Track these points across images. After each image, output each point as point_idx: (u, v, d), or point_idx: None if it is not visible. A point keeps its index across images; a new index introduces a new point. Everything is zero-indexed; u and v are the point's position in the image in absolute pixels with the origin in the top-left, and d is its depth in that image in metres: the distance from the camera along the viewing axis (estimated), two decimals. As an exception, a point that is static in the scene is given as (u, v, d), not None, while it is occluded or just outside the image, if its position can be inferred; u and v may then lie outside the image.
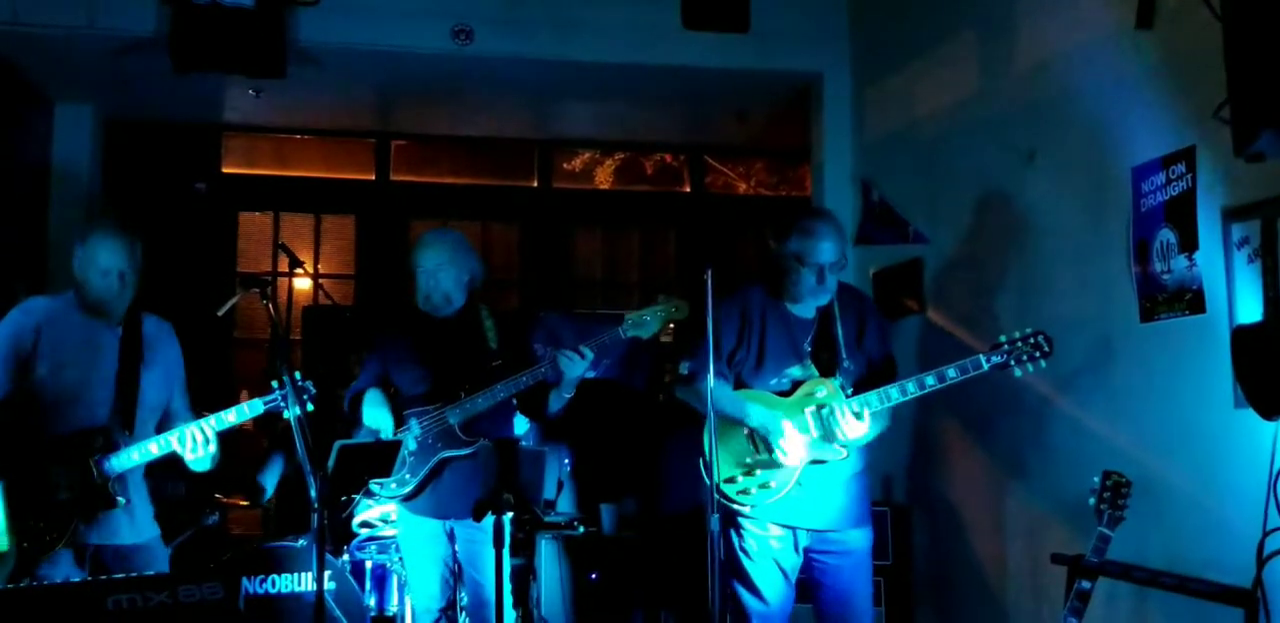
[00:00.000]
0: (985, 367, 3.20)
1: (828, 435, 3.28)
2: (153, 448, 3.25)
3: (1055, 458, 3.94)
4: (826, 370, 3.39)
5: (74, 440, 3.23)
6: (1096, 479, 2.99)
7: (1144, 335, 3.49)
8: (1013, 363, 3.20)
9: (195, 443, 3.23)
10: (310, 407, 3.06)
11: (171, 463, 3.49)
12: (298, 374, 3.05)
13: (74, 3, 5.23)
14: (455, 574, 3.78)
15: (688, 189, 8.03)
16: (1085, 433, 3.76)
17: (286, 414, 3.02)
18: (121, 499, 3.26)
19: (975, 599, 4.45)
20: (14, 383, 3.25)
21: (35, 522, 3.10)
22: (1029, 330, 3.22)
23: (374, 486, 3.61)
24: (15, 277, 5.61)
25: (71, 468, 3.20)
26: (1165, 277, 3.38)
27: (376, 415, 3.65)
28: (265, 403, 3.20)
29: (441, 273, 3.69)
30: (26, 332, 3.27)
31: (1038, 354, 3.19)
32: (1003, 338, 3.23)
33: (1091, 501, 2.97)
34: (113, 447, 3.24)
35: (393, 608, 4.59)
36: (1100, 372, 3.67)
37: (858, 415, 3.24)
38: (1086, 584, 2.98)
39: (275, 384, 3.11)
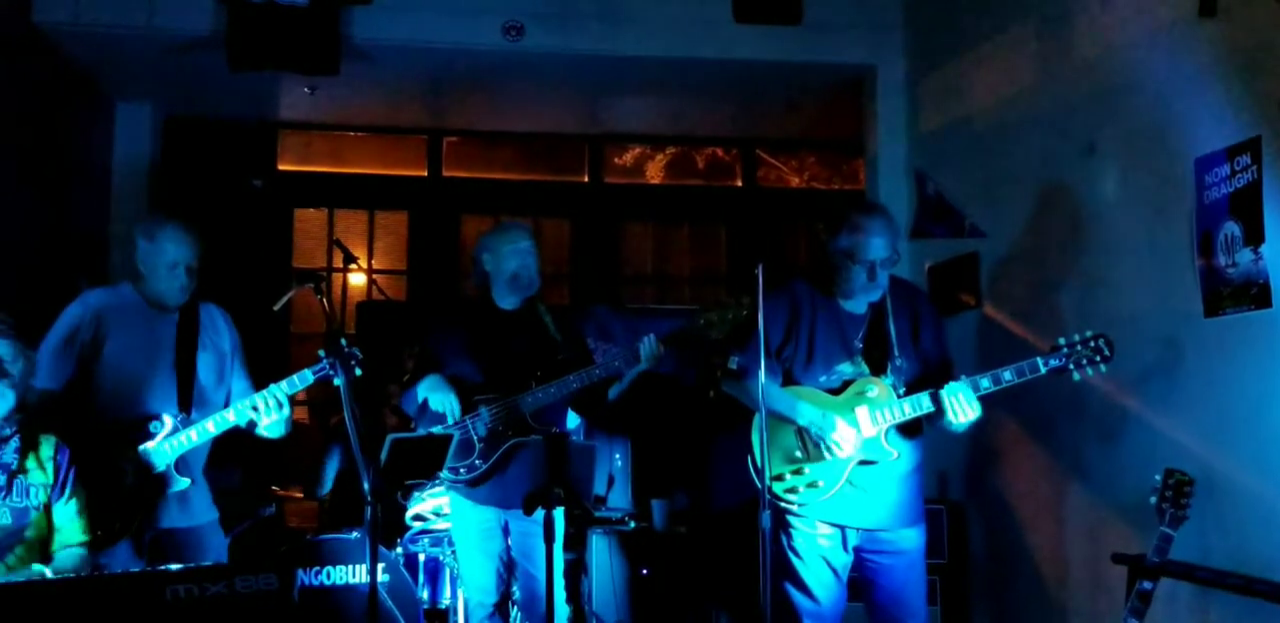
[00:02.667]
0: (1043, 370, 3.13)
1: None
2: (209, 426, 3.30)
3: (1116, 455, 3.87)
4: (878, 368, 3.35)
5: (134, 427, 3.29)
6: (1158, 477, 2.93)
7: (1208, 330, 3.42)
8: (1071, 367, 3.12)
9: (269, 407, 3.27)
10: (359, 372, 3.08)
11: (229, 453, 3.54)
12: (344, 341, 3.07)
13: (133, 3, 5.32)
14: (509, 568, 3.80)
15: (739, 183, 7.98)
16: (1147, 430, 3.69)
17: (336, 381, 3.04)
18: (186, 480, 3.32)
19: (1033, 599, 4.38)
20: (75, 372, 3.32)
21: (104, 510, 3.16)
22: (1089, 333, 3.14)
23: (445, 471, 3.64)
24: (78, 270, 5.73)
25: (134, 455, 3.26)
26: (1230, 270, 3.29)
27: (443, 400, 3.67)
28: (314, 371, 3.22)
29: (532, 255, 3.81)
30: (87, 324, 3.34)
31: (1098, 358, 3.12)
32: (1062, 341, 3.16)
33: (1153, 499, 2.91)
34: (172, 430, 3.30)
35: (445, 601, 4.62)
36: (1163, 368, 3.60)
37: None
38: (1148, 585, 2.92)
39: (322, 353, 3.13)
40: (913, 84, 5.66)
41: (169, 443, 3.29)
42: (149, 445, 3.28)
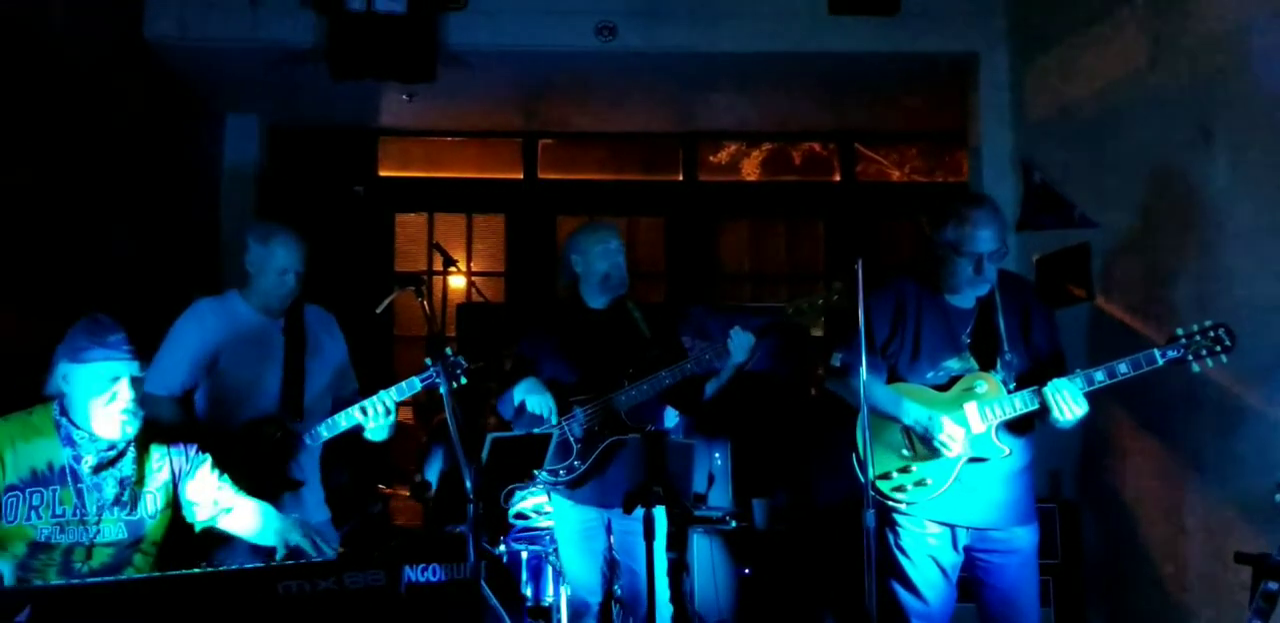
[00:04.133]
0: (1160, 362, 3.02)
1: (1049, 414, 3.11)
2: (323, 431, 3.37)
3: (1238, 452, 3.72)
4: (986, 363, 3.27)
5: (249, 430, 3.38)
6: (1284, 474, 2.80)
7: (1336, 321, 3.25)
8: (1190, 358, 3.01)
9: (377, 412, 3.33)
10: (464, 381, 3.12)
11: (337, 453, 3.61)
12: (449, 350, 3.10)
13: (239, 17, 5.49)
14: (612, 567, 3.80)
15: (837, 178, 7.88)
16: (1269, 424, 3.55)
17: (442, 389, 3.08)
18: (300, 481, 3.40)
19: (1151, 600, 4.23)
20: (194, 380, 3.42)
21: None
22: (1208, 323, 3.02)
23: (544, 474, 3.67)
24: (191, 281, 5.92)
25: (250, 457, 3.33)
26: (1361, 257, 3.13)
27: (540, 402, 3.69)
28: (422, 380, 3.26)
29: (621, 255, 3.81)
30: (201, 333, 3.43)
31: (1218, 349, 2.99)
32: (1180, 331, 3.04)
33: (1278, 496, 2.78)
34: (287, 434, 3.37)
35: (548, 599, 4.65)
36: (1288, 361, 3.44)
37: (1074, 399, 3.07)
38: (1274, 586, 2.78)
39: (429, 361, 3.18)
40: (1016, 71, 5.51)
41: (284, 447, 3.37)
42: (265, 449, 3.36)
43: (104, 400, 2.74)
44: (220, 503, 2.96)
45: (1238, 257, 3.74)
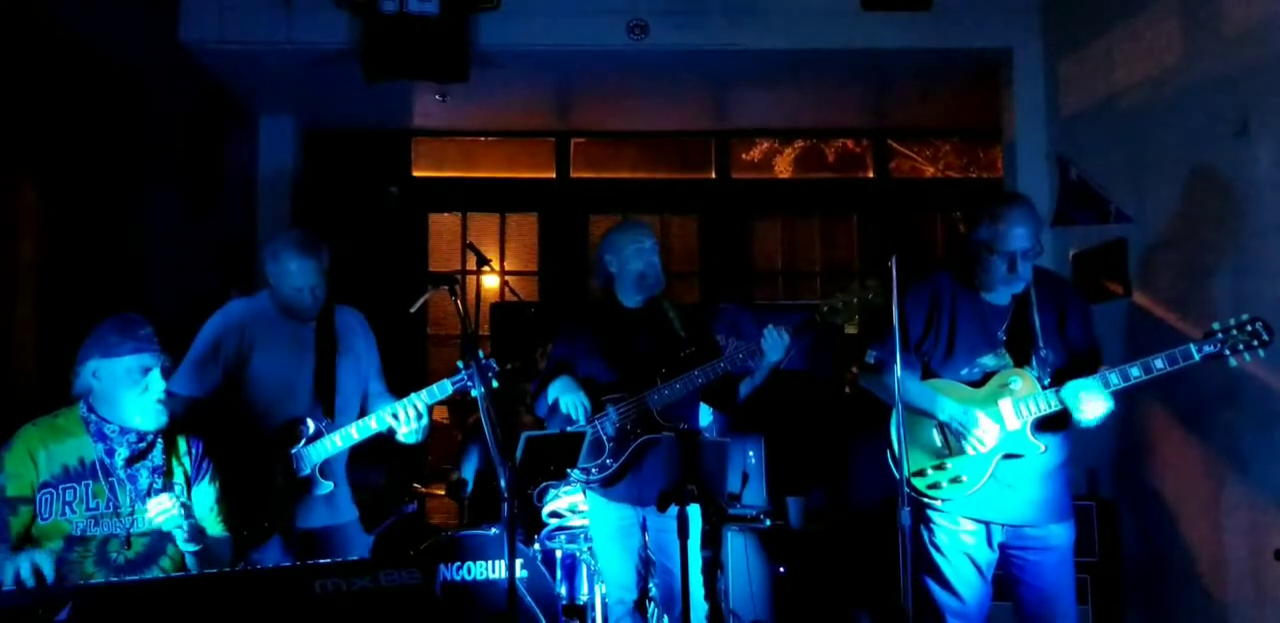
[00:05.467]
0: (1196, 357, 2.99)
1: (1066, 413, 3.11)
2: (353, 433, 3.39)
3: (1276, 446, 3.67)
4: (1022, 360, 3.24)
5: (282, 432, 3.40)
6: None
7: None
8: (1228, 353, 2.97)
9: (409, 417, 3.34)
10: (495, 384, 3.13)
11: (372, 452, 3.64)
12: (481, 353, 3.11)
13: (273, 19, 5.53)
14: (646, 564, 3.81)
15: (871, 175, 7.84)
16: (1315, 423, 3.48)
17: (474, 392, 3.09)
18: (329, 484, 3.42)
19: (1190, 598, 4.18)
20: (222, 382, 3.45)
21: (254, 511, 3.28)
22: (1245, 317, 2.99)
23: (577, 472, 3.68)
24: (230, 279, 5.99)
25: (282, 458, 3.38)
26: (1405, 251, 3.07)
27: (573, 400, 3.70)
28: (453, 383, 3.28)
29: (655, 253, 3.79)
30: (231, 336, 3.47)
31: (1255, 343, 2.96)
32: (1216, 325, 3.01)
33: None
34: (317, 435, 3.40)
35: (583, 597, 4.66)
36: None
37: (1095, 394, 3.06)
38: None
39: (461, 364, 3.19)
40: (1051, 66, 5.46)
41: (315, 447, 3.40)
42: (296, 449, 3.39)
43: (138, 392, 2.80)
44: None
45: (1275, 252, 3.68)
